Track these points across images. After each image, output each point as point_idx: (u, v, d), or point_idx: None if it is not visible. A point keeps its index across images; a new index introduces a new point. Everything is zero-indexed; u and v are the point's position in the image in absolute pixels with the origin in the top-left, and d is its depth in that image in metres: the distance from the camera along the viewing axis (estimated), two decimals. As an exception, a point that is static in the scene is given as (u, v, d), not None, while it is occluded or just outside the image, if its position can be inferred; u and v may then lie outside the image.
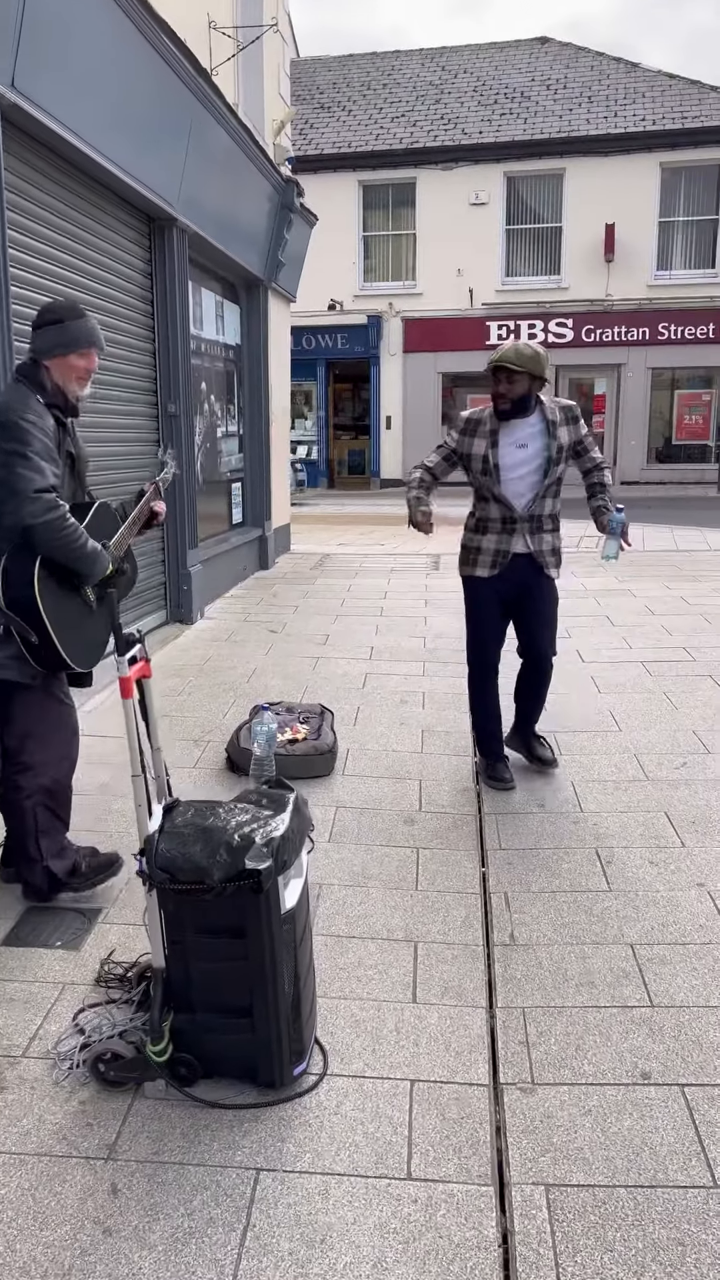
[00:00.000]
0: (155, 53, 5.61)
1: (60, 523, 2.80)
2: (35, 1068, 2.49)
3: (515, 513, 3.98)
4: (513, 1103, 2.37)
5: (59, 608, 2.90)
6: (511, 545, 4.02)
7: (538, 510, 3.99)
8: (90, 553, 2.90)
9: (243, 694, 5.49)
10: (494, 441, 3.96)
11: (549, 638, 4.21)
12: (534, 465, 3.94)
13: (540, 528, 4.03)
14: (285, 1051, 2.36)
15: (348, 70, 23.10)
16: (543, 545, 4.04)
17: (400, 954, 2.99)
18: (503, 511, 4.00)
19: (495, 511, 4.02)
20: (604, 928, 3.11)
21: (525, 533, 4.00)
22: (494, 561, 4.05)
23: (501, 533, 4.03)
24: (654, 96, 19.92)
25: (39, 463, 2.81)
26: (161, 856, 2.28)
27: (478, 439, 4.00)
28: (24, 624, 2.85)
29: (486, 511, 4.05)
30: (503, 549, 4.03)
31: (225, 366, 8.85)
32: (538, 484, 3.95)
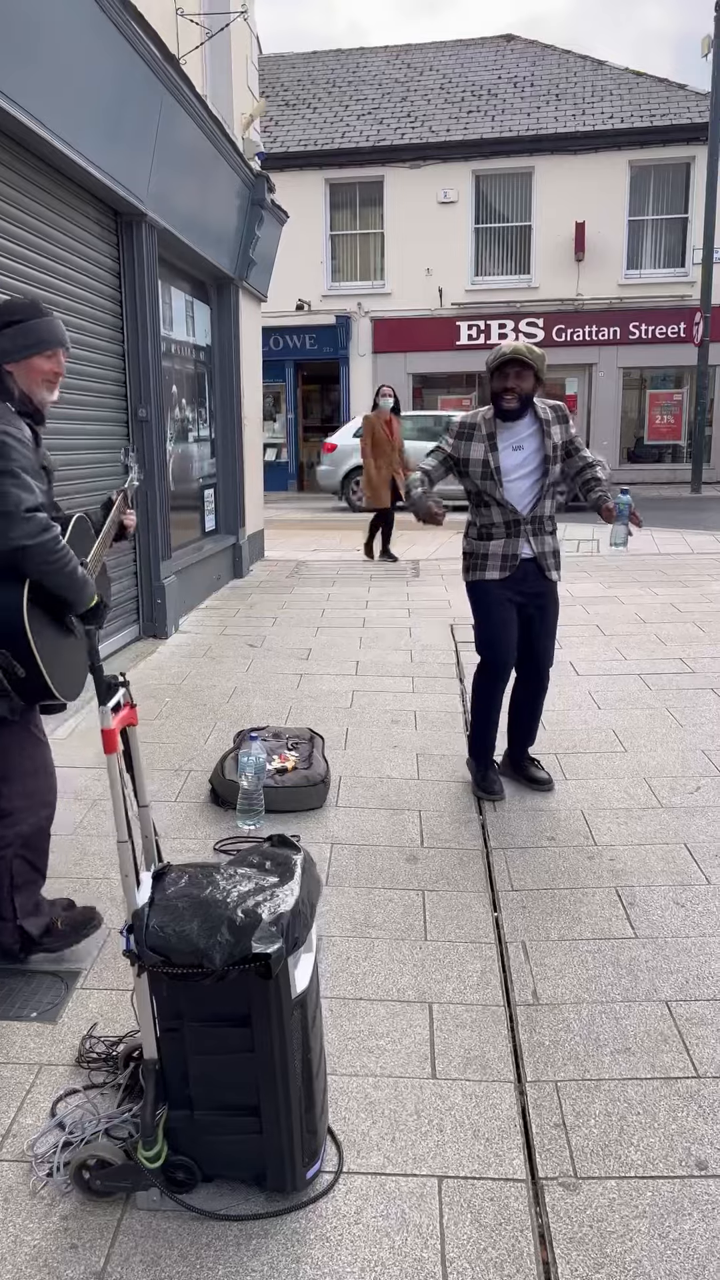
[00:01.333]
0: (121, 36, 5.28)
1: (54, 544, 2.52)
2: (9, 1174, 2.17)
3: (519, 515, 3.89)
4: (555, 1203, 2.09)
5: (45, 637, 2.60)
6: (518, 549, 3.93)
7: (539, 511, 3.93)
8: (80, 579, 2.63)
9: (223, 716, 5.18)
10: (492, 445, 3.87)
11: (550, 646, 4.14)
12: (532, 466, 3.88)
13: (542, 529, 3.96)
14: (298, 1152, 2.07)
15: (312, 68, 22.81)
16: (545, 547, 3.97)
17: (414, 1018, 2.70)
18: (506, 515, 3.91)
19: (498, 516, 3.92)
20: (634, 982, 2.85)
21: (529, 535, 3.92)
22: (503, 564, 3.94)
23: (507, 537, 3.93)
24: (621, 94, 19.82)
25: (26, 479, 2.52)
26: (153, 934, 1.98)
27: (475, 443, 3.91)
28: (9, 655, 2.54)
29: (489, 517, 3.95)
30: (510, 552, 3.93)
31: (196, 369, 8.52)
32: (538, 485, 3.90)
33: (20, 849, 2.85)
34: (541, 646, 4.10)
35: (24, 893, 2.88)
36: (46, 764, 2.92)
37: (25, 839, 2.85)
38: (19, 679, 2.58)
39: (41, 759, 2.90)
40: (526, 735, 4.29)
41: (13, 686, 2.60)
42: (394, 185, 19.93)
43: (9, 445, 2.49)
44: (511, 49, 22.22)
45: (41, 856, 2.94)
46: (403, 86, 21.43)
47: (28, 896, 2.90)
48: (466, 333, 20.02)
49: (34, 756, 2.86)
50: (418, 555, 10.76)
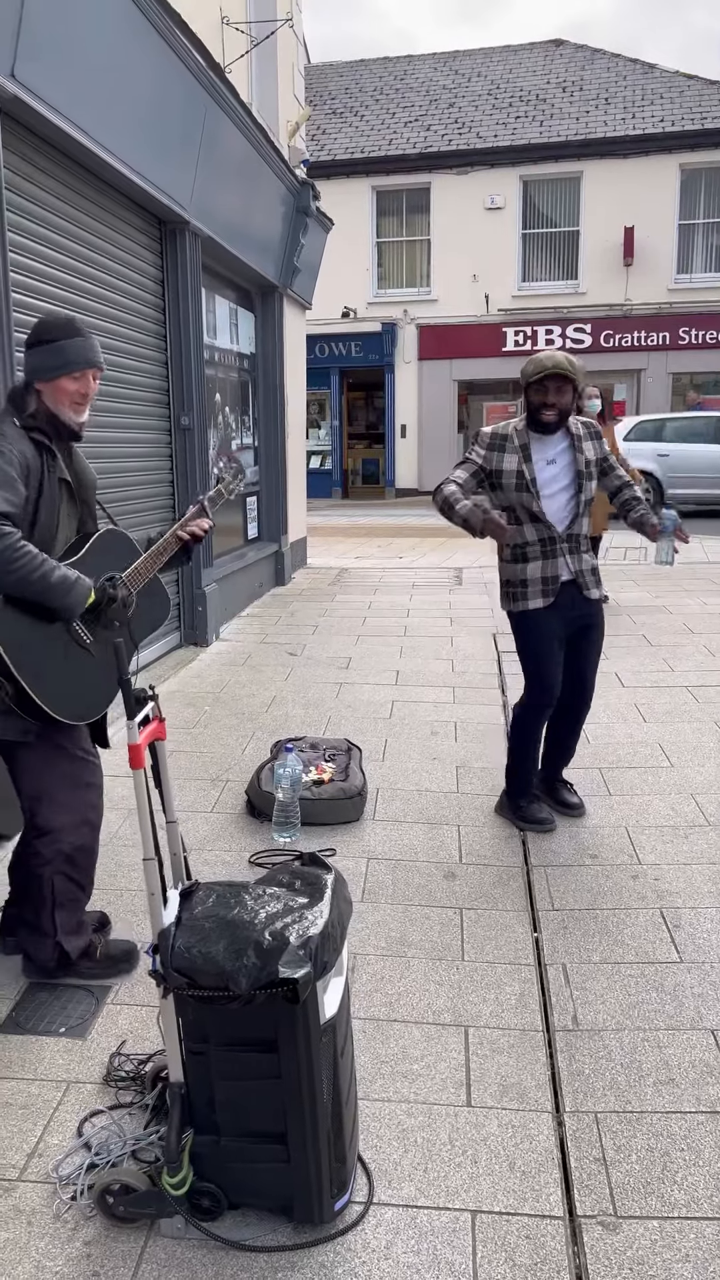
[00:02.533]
0: (166, 45, 5.29)
1: (12, 551, 2.41)
2: (33, 1195, 2.13)
3: (555, 532, 3.67)
4: (594, 1243, 2.00)
5: (29, 651, 2.53)
6: (557, 570, 3.70)
7: (575, 529, 3.72)
8: (56, 583, 2.49)
9: (262, 725, 5.14)
10: (526, 456, 3.67)
11: (595, 671, 3.94)
12: (565, 481, 3.69)
13: (579, 547, 3.75)
14: (326, 1182, 2.01)
15: (359, 76, 22.84)
16: (583, 565, 3.75)
17: (449, 1042, 2.63)
18: (541, 532, 3.68)
19: (533, 534, 3.69)
20: (679, 1009, 2.74)
21: (566, 554, 3.71)
22: (544, 590, 3.70)
23: (544, 557, 3.70)
24: (671, 97, 19.56)
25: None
26: (178, 955, 1.93)
27: (508, 454, 3.69)
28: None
29: (522, 536, 3.71)
30: (550, 575, 3.70)
31: (240, 377, 8.52)
32: (572, 501, 3.69)
33: (62, 865, 2.82)
34: (587, 672, 3.90)
35: (66, 910, 2.85)
36: (87, 780, 2.87)
37: (67, 856, 2.82)
38: (16, 696, 2.53)
39: (80, 776, 2.85)
40: (563, 758, 4.09)
41: (18, 706, 2.56)
42: (441, 191, 19.87)
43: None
44: (560, 53, 22.06)
45: (85, 874, 2.90)
46: (450, 93, 21.37)
47: (69, 914, 2.86)
48: (513, 339, 19.88)
49: (70, 774, 2.82)
50: (460, 564, 10.67)
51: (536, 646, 3.79)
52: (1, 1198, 2.12)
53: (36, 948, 2.86)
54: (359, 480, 22.40)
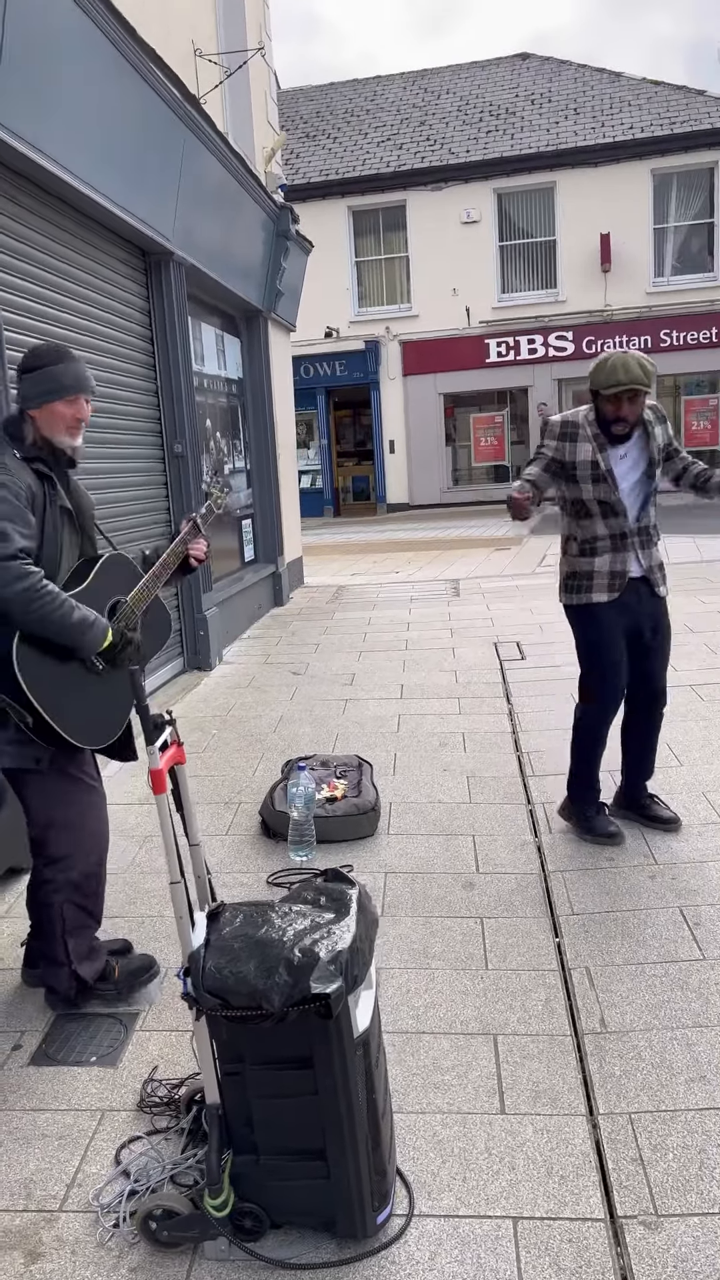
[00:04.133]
0: (142, 79, 5.36)
1: (34, 592, 2.44)
2: (75, 1225, 2.14)
3: (628, 525, 3.55)
4: (637, 1243, 2.01)
5: (51, 682, 2.56)
6: (626, 565, 3.57)
7: (645, 520, 3.60)
8: (76, 623, 2.53)
9: (271, 746, 5.16)
10: (600, 445, 3.51)
11: (665, 671, 3.78)
12: (639, 473, 3.55)
13: (650, 541, 3.63)
14: (367, 1197, 2.01)
15: (330, 98, 23.07)
16: (653, 561, 3.63)
17: (479, 1050, 2.64)
18: (613, 526, 3.55)
19: (603, 528, 3.57)
20: (705, 1006, 2.76)
21: (637, 547, 3.58)
22: (611, 584, 3.58)
23: (614, 551, 3.57)
24: (640, 104, 19.78)
25: (4, 527, 2.45)
26: (210, 977, 1.94)
27: (581, 443, 3.53)
28: (14, 704, 2.52)
29: (593, 529, 3.59)
30: (618, 569, 3.57)
31: (229, 401, 8.58)
32: (645, 490, 3.57)
33: (71, 894, 2.83)
34: (656, 671, 3.73)
35: (77, 937, 2.86)
36: (94, 809, 2.90)
37: (76, 884, 2.83)
38: (34, 725, 2.55)
39: (88, 804, 2.87)
40: (642, 769, 3.90)
41: (35, 734, 2.58)
42: (416, 209, 20.04)
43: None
44: (527, 67, 22.31)
45: (94, 901, 2.92)
46: (420, 111, 21.59)
47: (81, 941, 2.88)
48: (495, 350, 20.01)
49: (79, 802, 2.84)
50: (457, 574, 10.71)
51: (597, 642, 3.65)
52: (44, 1229, 2.13)
53: (55, 978, 2.87)
54: (350, 498, 22.50)
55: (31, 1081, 2.62)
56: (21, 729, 2.57)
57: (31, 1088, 2.59)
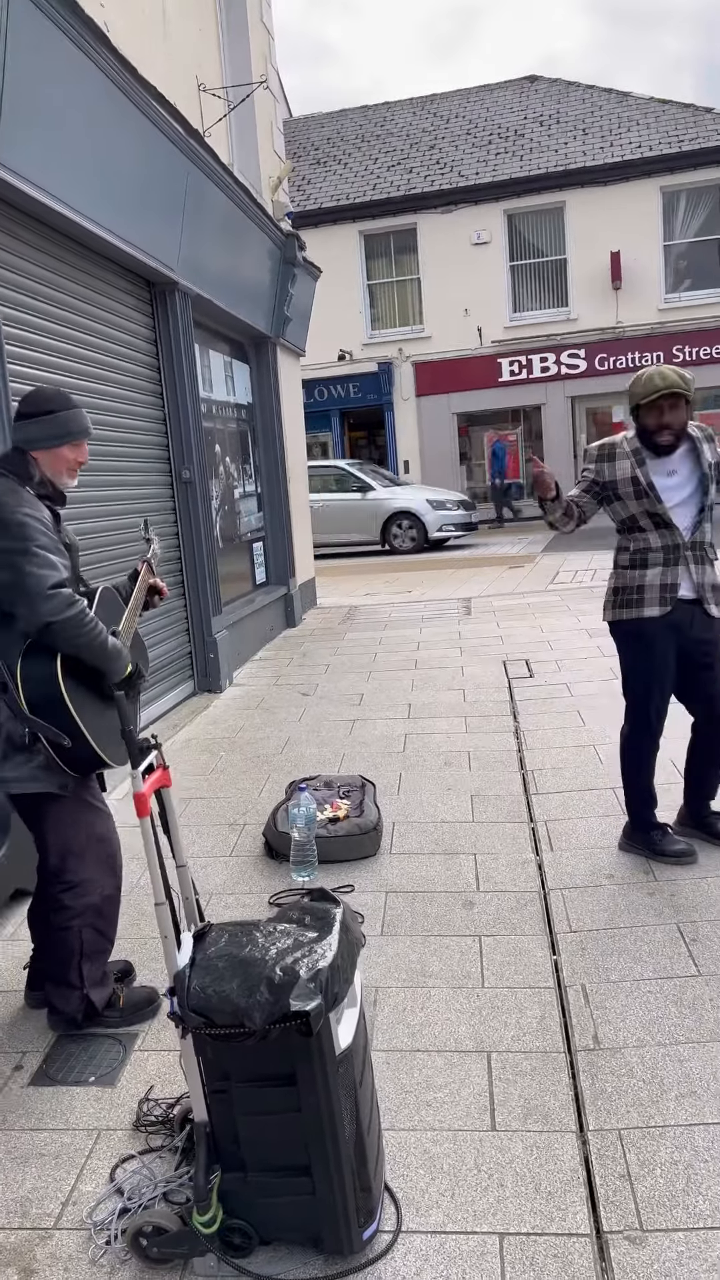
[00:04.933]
0: (145, 117, 5.49)
1: (81, 618, 2.59)
2: (69, 1242, 2.18)
3: (680, 538, 3.52)
4: (621, 1259, 2.02)
5: (86, 704, 2.66)
6: (677, 578, 3.53)
7: (700, 536, 3.57)
8: (112, 650, 2.69)
9: (277, 767, 5.21)
10: (639, 460, 3.54)
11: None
12: (690, 489, 3.54)
13: (705, 557, 3.58)
14: (353, 1212, 2.04)
15: (340, 125, 23.37)
16: (705, 578, 3.56)
17: (472, 1068, 2.66)
18: (665, 539, 3.54)
19: (655, 540, 3.55)
20: (699, 1021, 2.77)
21: (690, 563, 3.54)
22: (662, 598, 3.52)
23: (665, 564, 3.54)
24: (648, 123, 19.90)
25: (48, 557, 2.59)
26: (194, 996, 1.99)
27: (618, 461, 3.58)
28: (52, 727, 2.60)
29: (645, 542, 3.57)
30: (669, 582, 3.52)
31: (239, 426, 8.69)
32: (697, 505, 3.54)
33: (92, 918, 2.88)
34: (713, 693, 3.63)
35: (92, 962, 2.91)
36: (109, 834, 2.96)
37: (96, 908, 2.89)
38: (66, 751, 2.63)
39: (103, 829, 2.94)
40: (704, 790, 3.85)
41: (62, 760, 2.66)
42: (427, 231, 20.23)
43: (30, 526, 2.57)
44: (535, 89, 22.51)
45: (110, 925, 2.97)
46: (430, 135, 21.82)
47: (95, 966, 2.92)
48: (508, 369, 20.12)
49: (94, 826, 2.90)
50: (469, 594, 10.75)
51: (644, 665, 3.62)
52: (39, 1245, 2.17)
53: (63, 1000, 2.91)
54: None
55: (31, 1101, 2.66)
56: (49, 756, 2.64)
57: (31, 1107, 2.63)
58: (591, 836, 4.03)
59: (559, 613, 9.03)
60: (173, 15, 6.70)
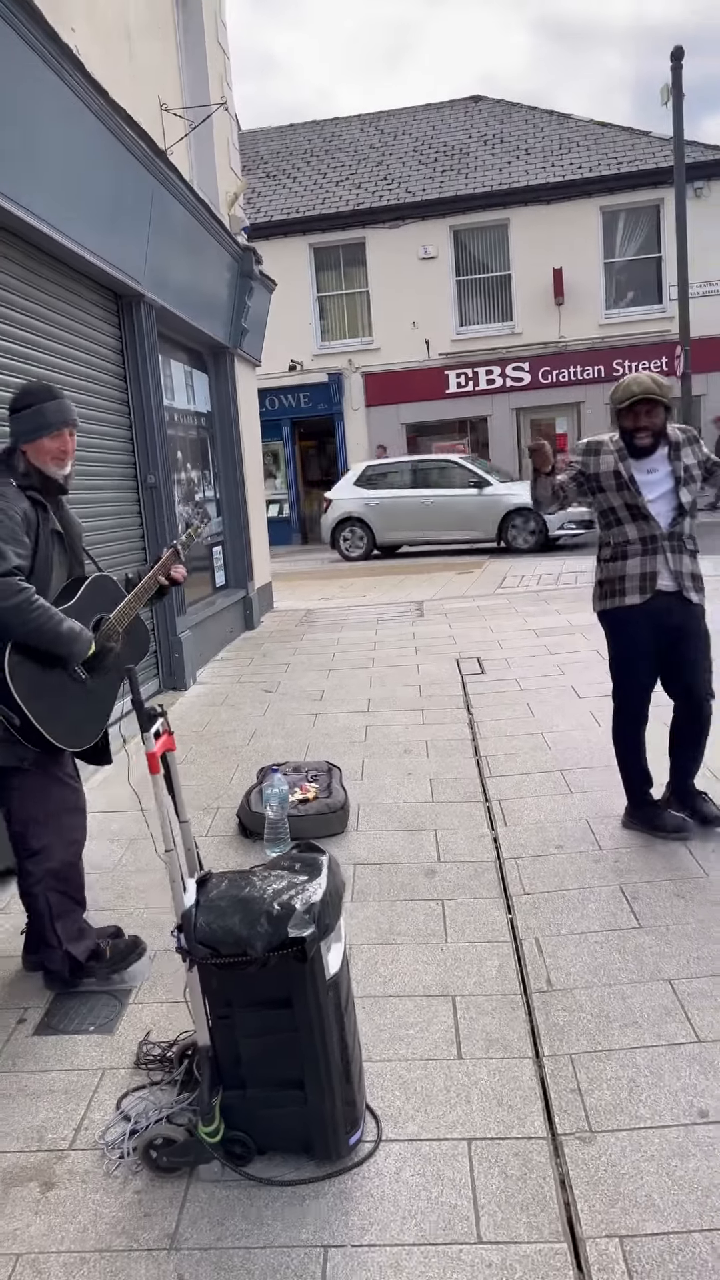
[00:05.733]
0: (115, 139, 5.74)
1: (27, 605, 2.77)
2: (84, 1160, 2.43)
3: (658, 529, 3.77)
4: (574, 1154, 2.33)
5: (38, 688, 2.87)
6: (656, 567, 3.78)
7: (679, 529, 3.81)
8: (65, 633, 2.86)
9: (245, 758, 5.47)
10: (623, 456, 3.81)
11: (705, 679, 3.90)
12: (668, 486, 3.79)
13: (682, 548, 3.81)
14: (340, 1121, 2.32)
15: (290, 139, 23.72)
16: (683, 568, 3.80)
17: (439, 1010, 2.96)
18: (642, 530, 3.78)
19: (634, 532, 3.81)
20: (640, 966, 3.10)
21: (667, 552, 3.78)
22: (641, 586, 3.78)
23: (644, 554, 3.79)
24: (588, 145, 20.57)
25: (0, 547, 2.80)
26: (201, 931, 2.26)
27: (604, 455, 3.86)
28: (5, 707, 2.83)
29: (623, 535, 3.83)
30: (648, 571, 3.78)
31: (199, 434, 8.94)
32: (674, 502, 3.79)
33: (53, 882, 3.11)
34: (692, 679, 3.87)
35: (64, 920, 3.14)
36: (73, 805, 3.19)
37: (55, 873, 3.11)
38: (20, 728, 2.86)
39: (67, 800, 3.16)
40: (684, 772, 4.06)
41: (21, 735, 2.89)
42: (376, 245, 20.65)
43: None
44: (479, 109, 23.10)
45: (76, 888, 3.20)
46: (378, 151, 22.28)
47: (69, 923, 3.16)
48: (455, 381, 20.59)
49: (60, 798, 3.13)
50: (421, 597, 11.09)
51: (625, 652, 3.90)
52: (57, 1164, 2.42)
53: (51, 960, 3.15)
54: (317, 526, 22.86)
55: (37, 1048, 2.90)
56: (9, 730, 2.87)
57: (37, 1053, 2.87)
58: (542, 813, 4.36)
59: (507, 614, 9.41)
60: (136, 38, 6.96)
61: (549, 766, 4.89)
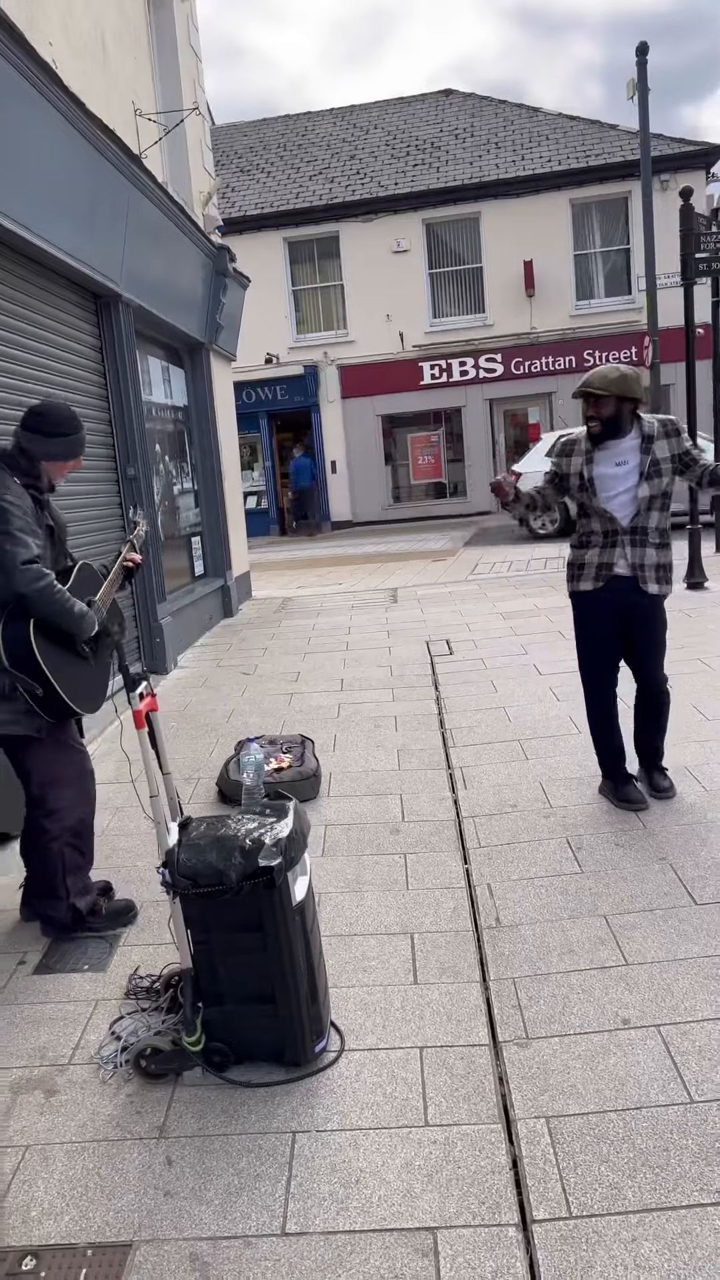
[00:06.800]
0: (91, 146, 6.01)
1: (49, 589, 3.11)
2: (82, 1072, 2.75)
3: (617, 524, 4.01)
4: (512, 1056, 2.68)
5: (57, 661, 3.20)
6: (613, 558, 4.04)
7: (642, 523, 4.01)
8: (78, 614, 3.20)
9: (224, 734, 5.79)
10: (589, 459, 4.05)
11: (655, 663, 4.19)
12: (632, 481, 3.99)
13: (644, 541, 4.02)
14: (306, 1031, 2.66)
15: (263, 134, 23.92)
16: (644, 559, 4.02)
17: (398, 945, 3.29)
18: (604, 525, 4.04)
19: (597, 525, 4.07)
20: (579, 904, 3.44)
21: (626, 545, 4.01)
22: (597, 574, 4.08)
23: (603, 546, 4.06)
24: (557, 138, 20.89)
25: (22, 537, 3.11)
26: (183, 866, 2.58)
27: (574, 458, 4.10)
28: (28, 679, 3.15)
29: (588, 526, 4.12)
30: (605, 562, 4.05)
31: (176, 427, 9.22)
32: (637, 496, 3.99)
33: (70, 838, 3.45)
34: (647, 664, 4.17)
35: (74, 875, 3.47)
36: (84, 768, 3.53)
37: (72, 830, 3.45)
38: (40, 697, 3.18)
39: (79, 764, 3.51)
40: (645, 747, 4.37)
41: (38, 706, 3.20)
42: (349, 239, 20.91)
43: (8, 512, 3.12)
44: (450, 102, 23.37)
45: (87, 845, 3.54)
46: (350, 146, 22.52)
47: (77, 879, 3.49)
48: (429, 372, 20.91)
49: (73, 762, 3.47)
50: (395, 584, 11.42)
51: (582, 626, 4.22)
52: (58, 1076, 2.74)
53: (54, 909, 3.47)
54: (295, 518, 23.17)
55: (36, 984, 3.22)
56: (27, 701, 3.18)
57: (37, 988, 3.20)
58: (499, 778, 4.70)
59: (477, 599, 9.76)
60: (110, 46, 7.22)
61: (508, 736, 5.24)
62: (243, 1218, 2.20)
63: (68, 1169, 2.39)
